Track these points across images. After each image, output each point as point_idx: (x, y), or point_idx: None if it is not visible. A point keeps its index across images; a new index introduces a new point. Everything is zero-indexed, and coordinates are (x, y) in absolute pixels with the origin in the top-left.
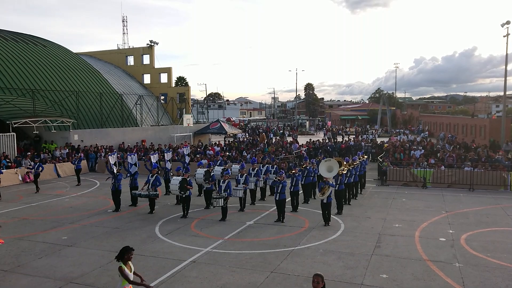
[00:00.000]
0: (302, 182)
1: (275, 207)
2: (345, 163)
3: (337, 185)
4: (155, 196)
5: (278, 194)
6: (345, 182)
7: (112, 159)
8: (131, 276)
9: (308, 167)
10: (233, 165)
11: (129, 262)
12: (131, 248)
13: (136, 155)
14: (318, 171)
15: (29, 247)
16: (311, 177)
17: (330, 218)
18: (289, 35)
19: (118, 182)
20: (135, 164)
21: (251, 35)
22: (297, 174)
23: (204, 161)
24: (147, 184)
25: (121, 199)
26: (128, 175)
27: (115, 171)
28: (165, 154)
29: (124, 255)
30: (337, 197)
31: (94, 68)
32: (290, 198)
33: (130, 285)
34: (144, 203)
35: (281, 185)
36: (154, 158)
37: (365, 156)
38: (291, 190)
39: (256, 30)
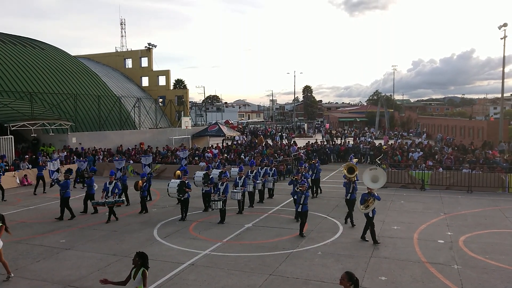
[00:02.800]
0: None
1: (274, 209)
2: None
3: (349, 194)
4: (121, 202)
5: (300, 205)
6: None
7: (53, 165)
8: None
9: (304, 173)
10: (232, 168)
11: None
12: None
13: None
14: (311, 176)
15: (27, 250)
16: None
17: (374, 236)
18: (288, 37)
19: (64, 189)
20: (120, 169)
21: (250, 37)
22: (300, 181)
23: (202, 164)
24: (105, 192)
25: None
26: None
27: (57, 178)
28: (142, 158)
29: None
30: (348, 207)
31: (92, 71)
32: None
33: None
34: (140, 207)
35: (303, 195)
36: (119, 164)
37: (355, 160)
38: (295, 197)
39: (255, 32)
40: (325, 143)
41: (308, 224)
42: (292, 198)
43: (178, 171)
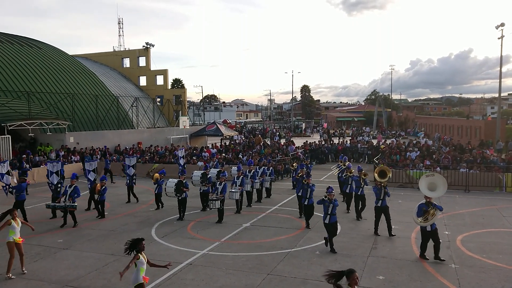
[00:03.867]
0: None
1: (272, 208)
2: (353, 170)
3: (380, 201)
4: (72, 208)
5: (328, 215)
6: (347, 191)
7: (1, 168)
8: (145, 265)
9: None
10: (233, 168)
11: (143, 252)
12: (142, 239)
13: (96, 161)
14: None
15: (24, 250)
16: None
17: (439, 255)
18: (286, 37)
19: (18, 192)
20: (93, 171)
21: (249, 37)
22: (311, 184)
23: (201, 163)
24: (65, 196)
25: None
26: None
27: (7, 182)
28: (126, 159)
29: (137, 246)
30: (385, 215)
31: (90, 70)
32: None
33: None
34: (138, 206)
35: (331, 204)
36: (90, 165)
37: (347, 163)
38: (306, 203)
39: (254, 32)
40: (323, 142)
41: (306, 223)
42: (298, 201)
43: (157, 174)
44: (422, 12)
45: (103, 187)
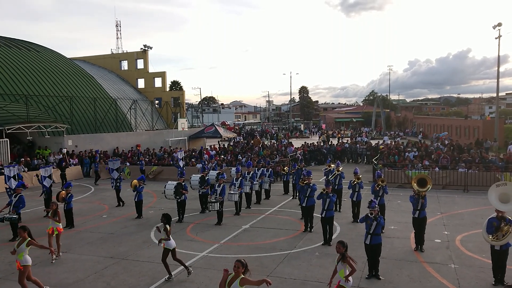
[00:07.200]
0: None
1: (271, 210)
2: (360, 176)
3: (417, 212)
4: (12, 221)
5: (370, 235)
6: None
7: (9, 172)
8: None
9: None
10: (232, 169)
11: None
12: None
13: (51, 167)
14: (294, 180)
15: None
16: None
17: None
18: (285, 38)
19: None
20: (49, 177)
21: (247, 38)
22: (311, 184)
23: (200, 165)
24: (9, 206)
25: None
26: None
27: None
28: (109, 163)
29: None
30: (415, 227)
31: (88, 73)
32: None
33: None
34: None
35: (375, 222)
36: (45, 171)
37: (332, 165)
38: (304, 205)
39: (252, 33)
40: (322, 143)
41: (305, 225)
42: (302, 212)
43: (135, 180)
44: (421, 13)
45: (69, 194)
